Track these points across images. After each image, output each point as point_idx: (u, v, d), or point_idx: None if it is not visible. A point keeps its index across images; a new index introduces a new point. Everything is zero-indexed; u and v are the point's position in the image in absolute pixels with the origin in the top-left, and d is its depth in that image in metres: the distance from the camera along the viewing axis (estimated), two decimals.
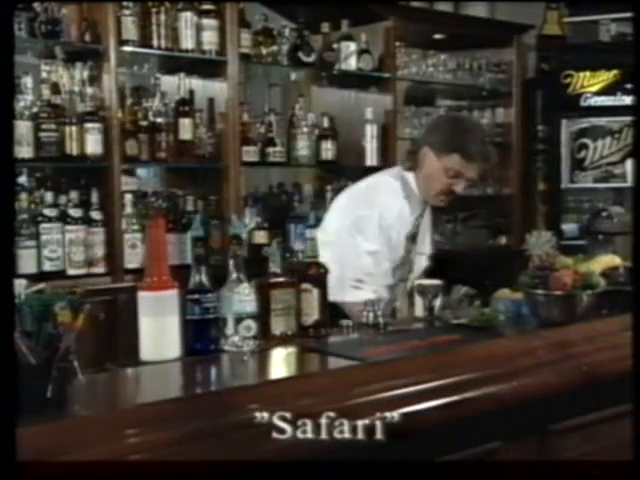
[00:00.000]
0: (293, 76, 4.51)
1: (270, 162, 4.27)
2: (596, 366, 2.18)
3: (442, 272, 3.11)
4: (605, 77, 5.33)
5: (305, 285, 2.23)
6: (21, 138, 3.42)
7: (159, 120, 3.84)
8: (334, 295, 2.62)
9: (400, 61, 4.80)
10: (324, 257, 2.46)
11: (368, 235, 2.82)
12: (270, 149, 4.23)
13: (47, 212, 3.55)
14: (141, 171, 4.22)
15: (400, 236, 2.90)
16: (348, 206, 2.97)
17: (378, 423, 1.76)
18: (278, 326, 2.15)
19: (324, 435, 1.68)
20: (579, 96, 5.37)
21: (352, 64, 4.54)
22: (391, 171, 3.10)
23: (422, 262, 3.05)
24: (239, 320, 2.04)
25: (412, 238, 2.96)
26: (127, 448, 1.46)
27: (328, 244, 2.74)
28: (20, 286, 1.57)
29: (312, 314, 2.23)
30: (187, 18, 3.89)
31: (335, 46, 4.48)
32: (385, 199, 2.90)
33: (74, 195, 3.62)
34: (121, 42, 3.70)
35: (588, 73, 5.35)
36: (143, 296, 1.97)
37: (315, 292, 2.24)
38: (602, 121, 5.37)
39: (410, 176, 2.94)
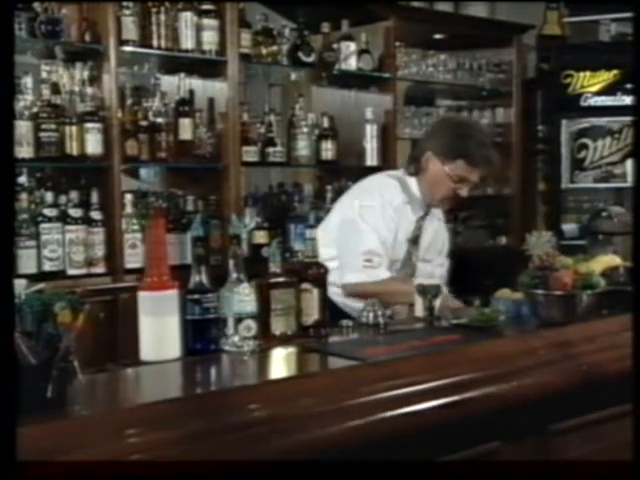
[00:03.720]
0: (293, 76, 4.52)
1: (270, 162, 4.27)
2: (596, 366, 2.18)
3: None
4: (605, 77, 5.34)
5: (305, 285, 2.23)
6: (21, 138, 3.42)
7: (159, 120, 3.85)
8: (351, 279, 2.63)
9: (400, 61, 4.80)
10: (329, 253, 2.47)
11: (370, 219, 2.83)
12: (270, 149, 4.23)
13: (47, 212, 3.55)
14: (141, 171, 4.22)
15: (400, 235, 2.90)
16: (348, 200, 3.00)
17: (378, 423, 1.77)
18: (278, 326, 2.15)
19: (324, 435, 1.69)
20: (579, 96, 5.37)
21: (352, 64, 4.54)
22: (390, 173, 3.11)
23: (427, 269, 3.03)
24: (239, 320, 2.04)
25: (414, 241, 2.96)
26: (127, 448, 1.46)
27: (331, 240, 2.75)
28: (20, 286, 1.57)
29: (312, 314, 2.23)
30: (187, 18, 3.89)
31: (335, 46, 4.49)
32: (386, 194, 2.91)
33: (74, 195, 3.62)
34: (121, 42, 3.71)
35: (588, 73, 5.36)
36: (143, 296, 1.97)
37: (315, 292, 2.24)
38: (602, 121, 5.38)
39: (412, 180, 2.94)
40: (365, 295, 2.58)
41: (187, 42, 3.90)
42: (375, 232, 2.82)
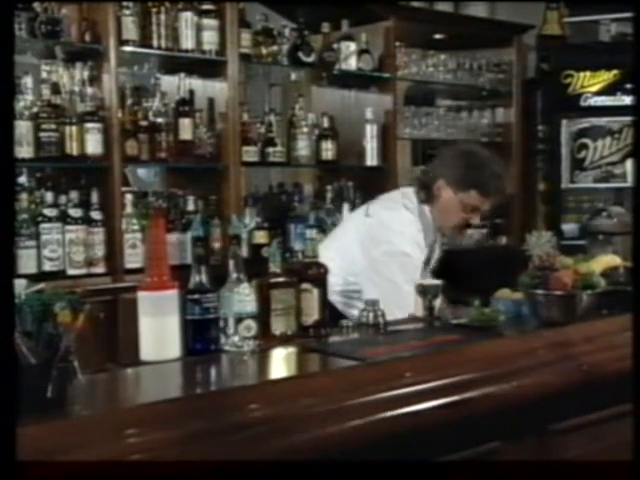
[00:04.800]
0: (293, 76, 4.52)
1: (270, 162, 4.27)
2: (596, 366, 2.18)
3: (442, 272, 3.12)
4: (605, 77, 5.34)
5: (305, 285, 2.23)
6: (21, 138, 3.42)
7: (159, 120, 3.85)
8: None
9: (400, 61, 4.80)
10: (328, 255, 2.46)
11: (409, 275, 2.71)
12: (270, 149, 4.23)
13: (47, 212, 3.55)
14: (141, 171, 4.22)
15: (419, 263, 2.88)
16: (366, 244, 2.85)
17: (378, 423, 1.77)
18: (278, 326, 2.15)
19: (324, 435, 1.69)
20: (579, 96, 5.37)
21: (352, 64, 4.54)
22: (407, 203, 2.95)
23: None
24: (239, 320, 2.04)
25: (427, 263, 2.97)
26: (127, 448, 1.46)
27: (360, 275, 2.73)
28: (20, 286, 1.57)
29: (312, 314, 2.23)
30: (187, 18, 3.89)
31: (335, 46, 4.48)
32: (409, 230, 2.84)
33: (74, 195, 3.62)
34: (121, 42, 3.71)
35: (588, 73, 5.36)
36: (143, 296, 1.97)
37: (315, 292, 2.24)
38: (602, 121, 5.38)
39: (426, 209, 2.91)
40: None
41: (187, 42, 3.90)
42: (410, 283, 2.66)
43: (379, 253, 2.79)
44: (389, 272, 2.75)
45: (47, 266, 3.52)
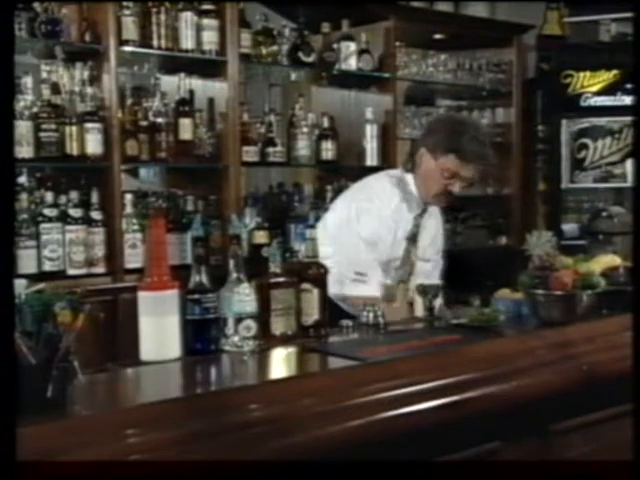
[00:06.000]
0: (293, 76, 4.51)
1: (270, 162, 4.27)
2: (596, 366, 2.18)
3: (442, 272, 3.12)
4: (605, 77, 5.34)
5: (305, 285, 2.23)
6: (21, 138, 3.42)
7: (159, 120, 3.84)
8: (336, 289, 2.63)
9: (400, 61, 4.79)
10: (327, 251, 2.47)
11: (367, 224, 2.84)
12: (270, 149, 4.23)
13: (47, 212, 3.55)
14: (141, 171, 4.22)
15: (399, 234, 2.91)
16: (346, 201, 3.00)
17: (378, 423, 1.77)
18: (278, 326, 2.15)
19: (324, 435, 1.69)
20: (579, 96, 5.37)
21: (352, 64, 4.54)
22: (390, 172, 3.12)
23: (427, 268, 3.04)
24: (239, 320, 2.04)
25: (412, 239, 2.96)
26: (127, 448, 1.46)
27: (328, 239, 2.75)
28: (20, 286, 1.57)
29: (312, 314, 2.23)
30: (187, 18, 3.89)
31: (335, 46, 4.48)
32: (383, 196, 2.91)
33: (74, 195, 3.62)
34: (121, 42, 3.70)
35: (588, 73, 5.36)
36: (143, 296, 1.97)
37: (315, 292, 2.24)
38: (602, 121, 5.38)
39: (409, 177, 2.95)
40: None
41: (187, 42, 3.90)
42: (370, 231, 2.83)
43: (354, 208, 2.87)
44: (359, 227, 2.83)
45: (47, 266, 3.52)
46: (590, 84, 5.36)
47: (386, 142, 4.69)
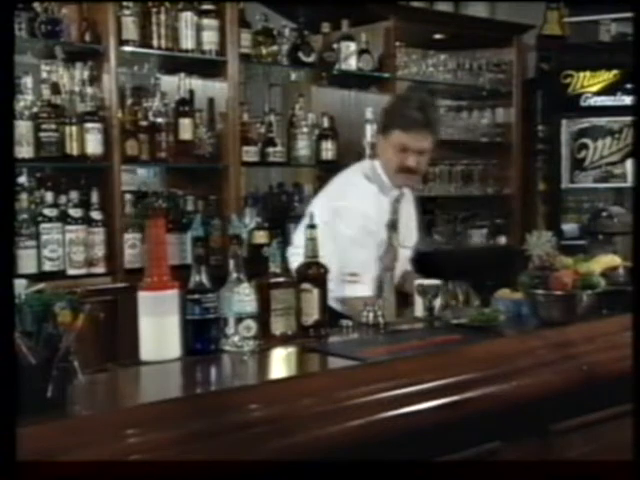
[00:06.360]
0: (293, 76, 4.51)
1: (270, 162, 4.27)
2: (596, 366, 2.18)
3: (442, 272, 3.12)
4: (605, 77, 5.34)
5: (305, 285, 2.23)
6: (21, 138, 3.42)
7: (159, 120, 3.84)
8: (333, 292, 2.62)
9: (400, 61, 4.80)
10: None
11: (350, 222, 2.86)
12: (270, 149, 4.23)
13: (47, 212, 3.55)
14: (141, 171, 4.22)
15: (380, 223, 2.93)
16: (322, 201, 3.02)
17: (378, 423, 1.77)
18: (278, 326, 2.15)
19: (324, 435, 1.69)
20: (579, 96, 5.37)
21: (352, 64, 4.54)
22: (363, 164, 3.17)
23: (407, 254, 3.11)
24: (239, 320, 2.04)
25: (392, 226, 2.99)
26: (127, 448, 1.46)
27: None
28: (20, 286, 1.57)
29: (312, 314, 2.23)
30: (187, 18, 3.89)
31: (335, 46, 4.48)
32: (358, 191, 2.95)
33: (74, 195, 3.62)
34: (121, 42, 3.70)
35: (588, 73, 5.36)
36: (143, 296, 1.97)
37: (315, 292, 2.24)
38: (602, 121, 5.38)
39: (377, 164, 3.01)
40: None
41: (187, 42, 3.90)
42: (352, 230, 2.84)
43: (332, 208, 2.88)
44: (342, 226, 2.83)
45: (47, 266, 3.52)
46: (590, 84, 5.36)
47: None
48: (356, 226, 2.85)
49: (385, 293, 2.82)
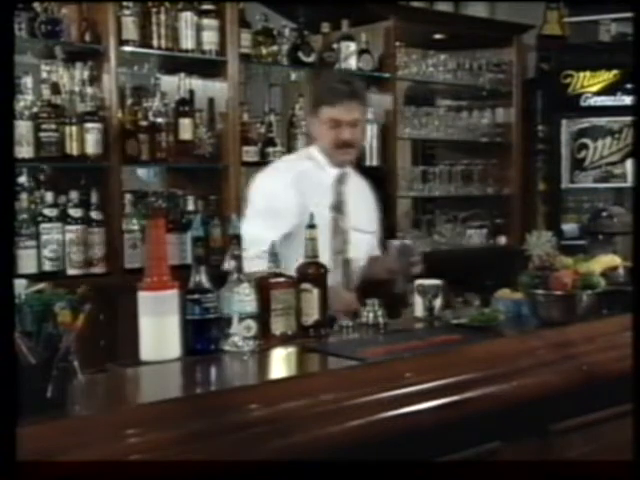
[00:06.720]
0: (293, 76, 4.51)
1: (270, 162, 4.26)
2: (596, 366, 2.18)
3: (442, 272, 3.12)
4: (605, 77, 5.34)
5: (305, 285, 2.23)
6: (21, 138, 3.41)
7: (159, 120, 3.84)
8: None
9: (400, 61, 4.79)
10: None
11: (259, 199, 2.90)
12: (270, 149, 4.23)
13: (47, 212, 3.55)
14: (141, 171, 4.22)
15: (318, 202, 2.85)
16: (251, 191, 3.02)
17: (378, 423, 1.77)
18: (278, 326, 2.15)
19: (324, 435, 1.69)
20: (579, 96, 5.37)
21: (352, 64, 4.54)
22: (290, 156, 3.27)
23: (364, 239, 3.05)
24: (239, 320, 2.04)
25: (337, 208, 2.97)
26: (127, 448, 1.46)
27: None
28: (20, 286, 1.57)
29: (312, 314, 2.23)
30: (187, 18, 3.89)
31: (335, 46, 4.48)
32: (275, 172, 3.02)
33: (74, 195, 3.61)
34: (121, 42, 3.70)
35: (588, 73, 5.36)
36: (143, 296, 1.97)
37: (315, 292, 2.24)
38: (602, 121, 5.38)
39: (313, 149, 3.04)
40: None
41: (187, 42, 3.90)
42: (270, 213, 2.81)
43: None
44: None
45: (47, 266, 3.52)
46: (590, 84, 5.36)
47: (386, 142, 4.69)
48: (267, 202, 2.86)
49: (339, 277, 2.82)
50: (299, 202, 2.81)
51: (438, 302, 2.46)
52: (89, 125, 3.60)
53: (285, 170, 3.04)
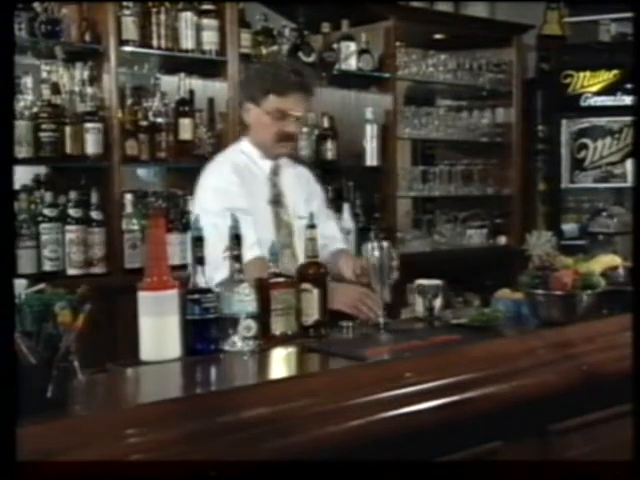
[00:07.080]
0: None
1: None
2: (596, 366, 2.18)
3: (442, 272, 3.12)
4: (605, 77, 5.34)
5: (305, 285, 2.23)
6: (21, 138, 3.42)
7: (159, 120, 3.84)
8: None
9: (400, 61, 4.79)
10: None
11: (204, 197, 2.87)
12: None
13: (47, 212, 3.55)
14: (141, 171, 4.21)
15: (258, 196, 2.80)
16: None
17: (378, 423, 1.77)
18: (278, 326, 2.15)
19: (324, 435, 1.69)
20: (579, 96, 5.38)
21: (352, 64, 4.54)
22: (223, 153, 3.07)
23: (328, 231, 2.91)
24: (239, 320, 2.04)
25: (275, 200, 2.85)
26: (127, 448, 1.46)
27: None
28: (20, 286, 1.57)
29: (312, 314, 2.23)
30: (187, 18, 3.89)
31: (335, 46, 4.48)
32: (211, 170, 2.94)
33: (74, 195, 3.61)
34: (121, 42, 3.70)
35: (588, 73, 5.36)
36: (143, 296, 1.97)
37: (315, 292, 2.24)
38: (602, 121, 5.38)
39: (243, 141, 2.93)
40: None
41: (187, 42, 3.90)
42: (218, 211, 2.63)
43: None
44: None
45: (47, 266, 3.52)
46: (590, 84, 5.37)
47: (386, 142, 4.69)
48: (213, 201, 2.77)
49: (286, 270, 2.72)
50: (245, 191, 2.76)
51: (438, 302, 2.46)
52: (89, 125, 3.60)
53: (225, 162, 2.92)
